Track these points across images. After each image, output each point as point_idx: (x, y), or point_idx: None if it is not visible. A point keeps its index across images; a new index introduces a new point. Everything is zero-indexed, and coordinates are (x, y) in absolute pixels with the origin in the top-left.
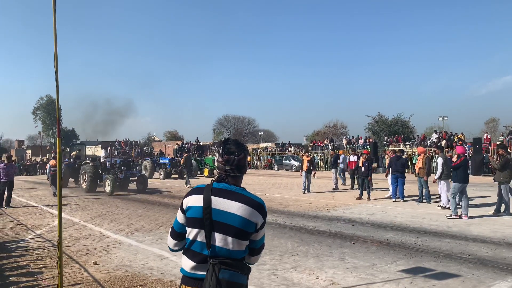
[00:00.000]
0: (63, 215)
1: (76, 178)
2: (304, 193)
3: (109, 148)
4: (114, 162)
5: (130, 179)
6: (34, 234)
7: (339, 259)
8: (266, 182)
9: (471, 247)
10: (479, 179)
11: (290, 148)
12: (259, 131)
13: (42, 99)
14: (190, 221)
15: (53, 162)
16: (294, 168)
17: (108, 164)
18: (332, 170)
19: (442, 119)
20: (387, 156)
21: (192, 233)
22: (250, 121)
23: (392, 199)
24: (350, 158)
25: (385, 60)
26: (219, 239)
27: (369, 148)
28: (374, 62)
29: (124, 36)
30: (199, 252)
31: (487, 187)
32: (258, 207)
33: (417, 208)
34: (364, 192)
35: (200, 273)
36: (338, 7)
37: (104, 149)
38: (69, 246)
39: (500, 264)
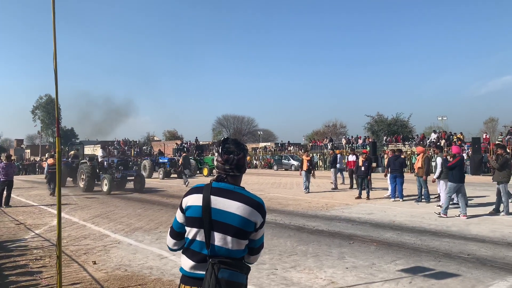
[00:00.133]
0: (62, 214)
1: (74, 178)
2: (306, 192)
3: (108, 148)
4: (112, 162)
5: (127, 178)
6: (33, 234)
7: (338, 259)
8: (265, 182)
9: (470, 246)
10: (478, 178)
11: (289, 148)
12: (258, 131)
13: (41, 98)
14: (190, 220)
15: (50, 161)
16: (293, 168)
17: (105, 163)
18: (332, 169)
19: (441, 119)
20: (386, 156)
21: (191, 232)
22: (249, 120)
23: (391, 198)
24: (348, 157)
25: (384, 60)
26: (218, 239)
27: (368, 148)
28: (373, 62)
29: (123, 34)
30: (198, 251)
31: (486, 186)
32: (258, 206)
33: (416, 207)
34: (363, 192)
35: (200, 272)
36: (338, 7)
37: (102, 148)
38: (68, 246)
39: (499, 263)
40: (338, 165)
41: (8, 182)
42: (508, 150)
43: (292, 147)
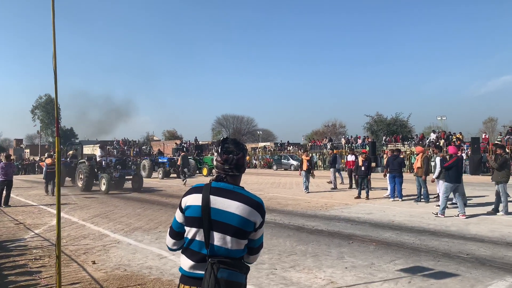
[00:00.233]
0: (62, 214)
1: (73, 177)
2: (307, 192)
3: (108, 148)
4: (110, 161)
5: (125, 178)
6: (33, 233)
7: (338, 258)
8: (265, 182)
9: (469, 246)
10: (477, 178)
11: (288, 148)
12: (258, 131)
13: (41, 98)
14: (189, 220)
15: (49, 161)
16: (292, 168)
17: (103, 163)
18: (331, 169)
19: (440, 118)
20: (385, 156)
21: (191, 232)
22: (249, 120)
23: (391, 198)
24: (347, 157)
25: (384, 60)
26: (217, 238)
27: (367, 148)
28: (373, 61)
29: (122, 33)
30: (197, 251)
31: (485, 186)
32: (257, 206)
33: (415, 207)
34: (363, 192)
35: (199, 272)
36: (338, 7)
37: (100, 148)
38: (67, 245)
39: (498, 263)
40: (336, 165)
41: (7, 182)
42: (507, 150)
43: (291, 147)
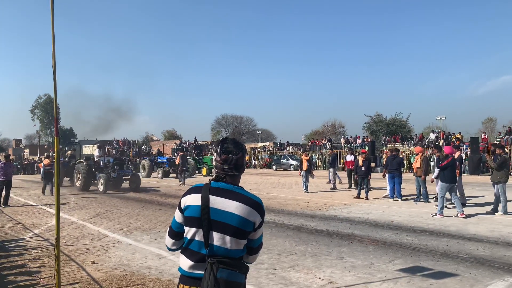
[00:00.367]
0: (61, 214)
1: (71, 177)
2: (306, 192)
3: (107, 148)
4: (108, 162)
5: (123, 178)
6: (32, 233)
7: (337, 258)
8: (264, 182)
9: (469, 246)
10: (476, 178)
11: (288, 148)
12: (257, 131)
13: (40, 97)
14: (188, 220)
15: (46, 161)
16: (292, 168)
17: (101, 163)
18: (330, 169)
19: (440, 118)
20: (385, 156)
21: (190, 232)
22: (248, 120)
23: (390, 198)
24: (346, 157)
25: (383, 60)
26: (217, 238)
27: (366, 148)
28: (372, 61)
29: (121, 32)
30: (197, 251)
31: (484, 186)
32: (256, 206)
33: (414, 207)
34: (362, 192)
35: (198, 272)
36: (338, 7)
37: (98, 148)
38: (67, 245)
39: (497, 263)
40: (335, 165)
41: (6, 181)
42: (507, 150)
43: (291, 147)
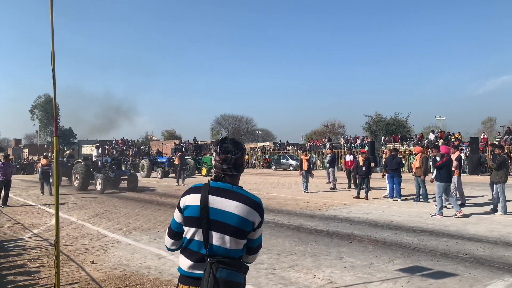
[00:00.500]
0: (60, 214)
1: (69, 177)
2: (306, 192)
3: (106, 147)
4: (105, 162)
5: (121, 177)
6: (31, 233)
7: (337, 258)
8: (264, 182)
9: (468, 246)
10: (476, 178)
11: (288, 148)
12: (257, 130)
13: (40, 97)
14: (188, 220)
15: (44, 161)
16: (291, 168)
17: (99, 163)
18: (330, 169)
19: (439, 118)
20: (384, 156)
21: (189, 232)
22: (248, 120)
23: (390, 198)
24: (346, 157)
25: (383, 60)
26: (216, 238)
27: (366, 148)
28: (372, 62)
29: (120, 31)
30: (196, 251)
31: (484, 186)
32: (256, 205)
33: (414, 207)
34: (362, 191)
35: (198, 272)
36: (337, 6)
37: (96, 148)
38: (66, 245)
39: (496, 263)
40: (329, 165)
41: (6, 181)
42: (506, 150)
43: (290, 147)
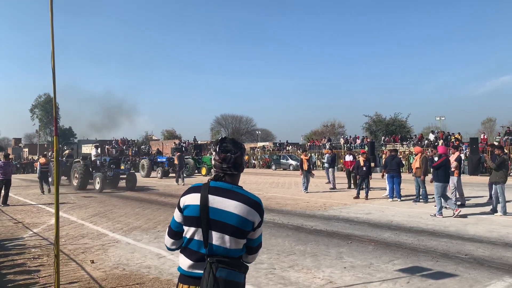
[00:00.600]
0: (60, 213)
1: (68, 176)
2: (306, 192)
3: (106, 147)
4: (104, 161)
5: (119, 177)
6: (31, 233)
7: (337, 258)
8: (263, 181)
9: (468, 246)
10: (476, 179)
11: (287, 148)
12: (256, 130)
13: (40, 97)
14: (188, 219)
15: (42, 160)
16: (291, 168)
17: (98, 162)
18: (330, 169)
19: (439, 119)
20: (384, 156)
21: (189, 231)
22: (247, 120)
23: (389, 198)
24: (345, 157)
25: (383, 60)
26: (216, 238)
27: (366, 148)
28: (372, 62)
29: (118, 31)
30: (196, 250)
31: (484, 187)
32: (255, 205)
33: (414, 207)
34: (362, 192)
35: (198, 271)
36: (337, 6)
37: (95, 148)
38: (66, 245)
39: (496, 263)
40: (326, 165)
41: (6, 181)
42: (506, 151)
43: (290, 147)
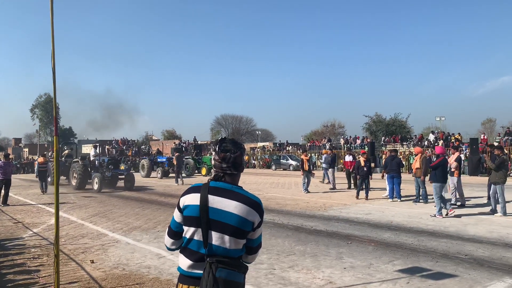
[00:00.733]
0: (60, 213)
1: (67, 176)
2: (306, 193)
3: (107, 147)
4: (102, 161)
5: (118, 177)
6: (31, 232)
7: (336, 259)
8: (263, 182)
9: (468, 247)
10: (476, 179)
11: (287, 148)
12: (257, 131)
13: (41, 97)
14: (187, 219)
15: (41, 159)
16: (291, 168)
17: (96, 162)
18: (330, 169)
19: (439, 119)
20: (384, 156)
21: (189, 231)
22: (248, 120)
23: (389, 199)
24: (345, 158)
25: (383, 60)
26: (216, 238)
27: (366, 148)
28: (372, 62)
29: (118, 31)
30: (196, 250)
31: (483, 187)
32: (255, 205)
33: (414, 208)
34: (362, 192)
35: (197, 271)
36: (337, 6)
37: (93, 148)
38: (66, 245)
39: (496, 264)
40: (324, 165)
41: (6, 181)
42: (506, 151)
43: (290, 147)
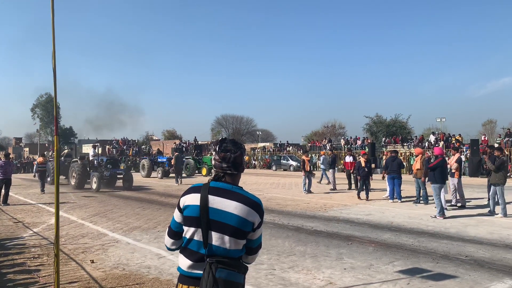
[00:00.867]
0: (60, 213)
1: (66, 175)
2: (307, 193)
3: (107, 147)
4: (101, 161)
5: (117, 176)
6: (31, 232)
7: (337, 259)
8: (264, 182)
9: (468, 248)
10: (476, 180)
11: (288, 148)
12: (257, 131)
13: (41, 96)
14: (187, 220)
15: (40, 159)
16: (292, 168)
17: (95, 162)
18: (330, 170)
19: (440, 120)
20: (384, 157)
21: (189, 232)
22: (248, 120)
23: (390, 199)
24: (346, 158)
25: (384, 61)
26: (216, 238)
27: (366, 149)
28: (372, 62)
29: (118, 30)
30: (196, 251)
31: (484, 188)
32: (255, 206)
33: (414, 209)
34: (362, 193)
35: (197, 272)
36: (337, 6)
37: (92, 148)
38: (66, 244)
39: (497, 265)
40: (322, 166)
41: (6, 180)
42: (506, 152)
43: (291, 147)
